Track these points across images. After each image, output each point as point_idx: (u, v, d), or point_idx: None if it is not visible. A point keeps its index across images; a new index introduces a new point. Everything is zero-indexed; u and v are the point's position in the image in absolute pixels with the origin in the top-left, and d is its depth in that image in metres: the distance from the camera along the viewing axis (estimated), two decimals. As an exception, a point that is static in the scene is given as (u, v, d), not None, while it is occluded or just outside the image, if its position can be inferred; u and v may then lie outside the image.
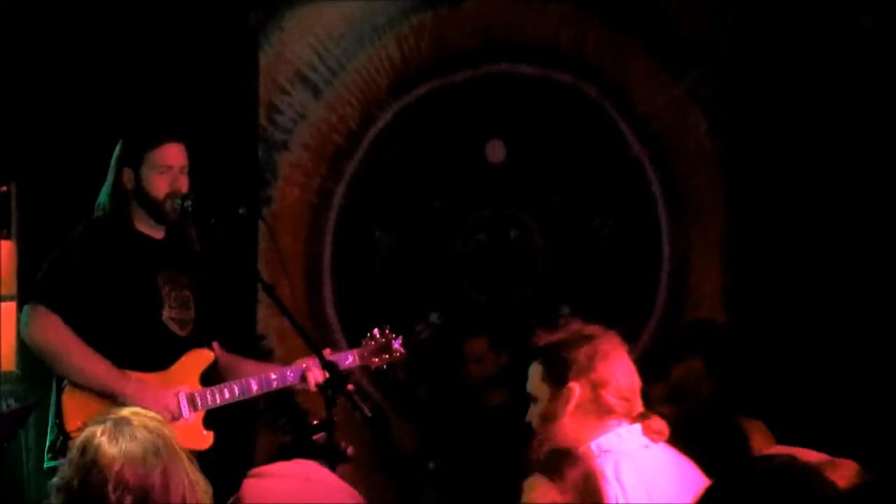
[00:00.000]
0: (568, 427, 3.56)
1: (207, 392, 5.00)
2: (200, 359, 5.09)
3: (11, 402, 5.75)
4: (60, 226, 5.09)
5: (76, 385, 4.84)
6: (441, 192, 7.08)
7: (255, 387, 5.06)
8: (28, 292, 5.00)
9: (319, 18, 6.98)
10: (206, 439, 5.00)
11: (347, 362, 5.21)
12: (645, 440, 3.57)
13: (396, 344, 5.29)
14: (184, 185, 5.04)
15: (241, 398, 5.05)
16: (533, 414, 3.66)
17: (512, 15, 7.02)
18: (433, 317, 7.08)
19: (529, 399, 3.67)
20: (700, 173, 7.01)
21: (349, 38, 6.99)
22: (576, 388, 3.55)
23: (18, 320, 5.04)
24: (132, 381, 4.86)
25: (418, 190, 7.08)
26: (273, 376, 5.08)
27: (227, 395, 5.02)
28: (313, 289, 7.06)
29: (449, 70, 7.03)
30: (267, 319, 6.86)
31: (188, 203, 5.02)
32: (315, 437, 4.79)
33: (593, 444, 3.53)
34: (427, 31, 7.00)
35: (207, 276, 5.20)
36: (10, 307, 6.04)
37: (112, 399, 4.78)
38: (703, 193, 7.01)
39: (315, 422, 4.86)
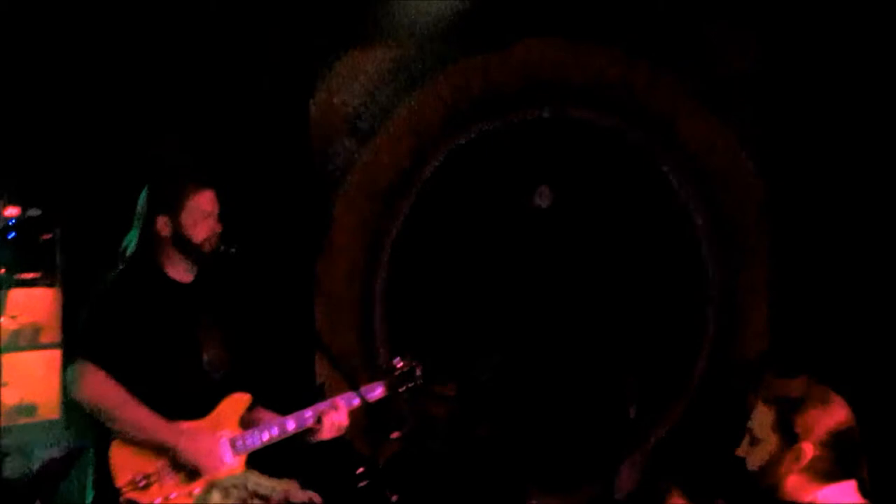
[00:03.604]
0: (791, 483, 3.59)
1: (247, 435, 5.03)
2: (239, 402, 5.11)
3: (55, 451, 5.74)
4: (104, 273, 5.06)
5: (124, 438, 4.84)
6: (490, 234, 7.04)
7: (291, 426, 5.09)
8: (72, 349, 5.02)
9: (369, 60, 6.98)
10: (249, 484, 5.01)
11: (376, 393, 5.27)
12: (859, 498, 3.60)
13: (418, 371, 5.36)
14: (218, 229, 5.09)
15: (280, 438, 5.08)
16: (753, 454, 3.66)
17: (560, 58, 6.99)
18: (494, 358, 7.05)
19: (748, 433, 3.67)
20: (747, 215, 6.98)
21: (398, 80, 6.99)
22: (809, 451, 3.56)
23: (64, 372, 5.05)
24: (184, 433, 4.89)
25: (469, 231, 7.05)
26: (308, 414, 5.11)
27: (265, 437, 5.05)
28: (366, 330, 7.05)
29: (497, 113, 7.01)
30: (325, 369, 6.84)
31: (233, 249, 5.06)
32: (360, 485, 4.79)
33: (820, 495, 3.56)
34: (475, 74, 6.99)
35: (239, 318, 5.23)
36: (55, 355, 6.06)
37: (162, 451, 4.84)
38: (750, 235, 6.97)
39: (360, 469, 4.86)
